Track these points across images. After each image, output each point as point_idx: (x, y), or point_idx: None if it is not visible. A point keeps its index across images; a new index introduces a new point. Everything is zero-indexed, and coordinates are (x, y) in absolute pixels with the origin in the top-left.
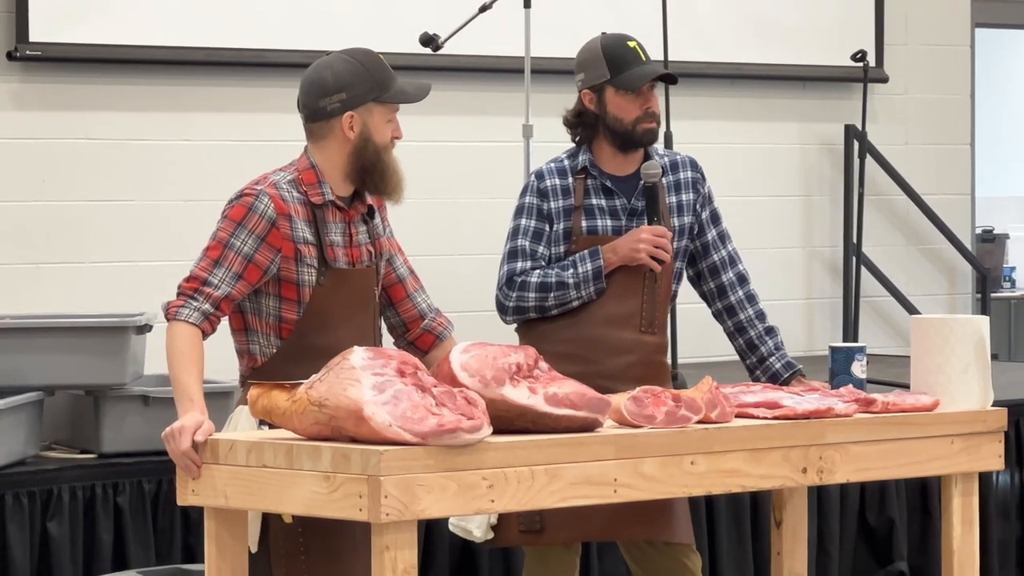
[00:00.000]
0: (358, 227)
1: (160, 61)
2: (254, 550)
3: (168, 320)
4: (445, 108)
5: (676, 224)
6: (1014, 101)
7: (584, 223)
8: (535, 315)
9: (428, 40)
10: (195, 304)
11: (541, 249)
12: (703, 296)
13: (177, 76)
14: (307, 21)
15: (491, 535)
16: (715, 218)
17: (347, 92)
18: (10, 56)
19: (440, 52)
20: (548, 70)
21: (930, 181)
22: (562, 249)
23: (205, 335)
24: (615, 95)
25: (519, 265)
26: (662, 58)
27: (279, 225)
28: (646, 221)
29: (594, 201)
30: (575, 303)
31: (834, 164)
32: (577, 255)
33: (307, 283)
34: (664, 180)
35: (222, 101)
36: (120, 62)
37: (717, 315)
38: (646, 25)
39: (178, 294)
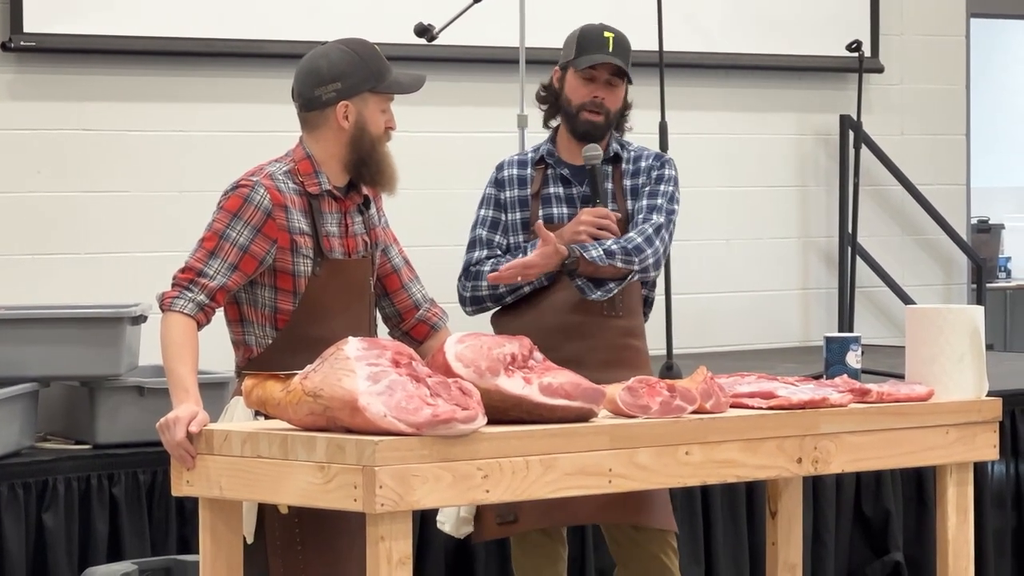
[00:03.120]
0: (354, 217)
1: (155, 52)
2: (250, 541)
3: (163, 311)
4: (440, 99)
5: (631, 206)
6: (1009, 91)
7: (541, 212)
8: (492, 304)
9: (423, 31)
10: (190, 295)
11: (498, 238)
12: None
13: (172, 67)
14: (302, 11)
15: (466, 529)
16: None
17: (342, 81)
18: (5, 47)
19: (435, 43)
20: (542, 60)
21: (925, 171)
22: (521, 238)
23: (200, 326)
24: (572, 76)
25: (475, 255)
26: (657, 48)
27: (275, 216)
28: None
29: (551, 190)
30: (526, 289)
31: (829, 154)
32: (531, 243)
33: (303, 274)
34: (623, 166)
35: (217, 92)
36: (115, 53)
37: None
38: (641, 15)
39: (173, 285)
